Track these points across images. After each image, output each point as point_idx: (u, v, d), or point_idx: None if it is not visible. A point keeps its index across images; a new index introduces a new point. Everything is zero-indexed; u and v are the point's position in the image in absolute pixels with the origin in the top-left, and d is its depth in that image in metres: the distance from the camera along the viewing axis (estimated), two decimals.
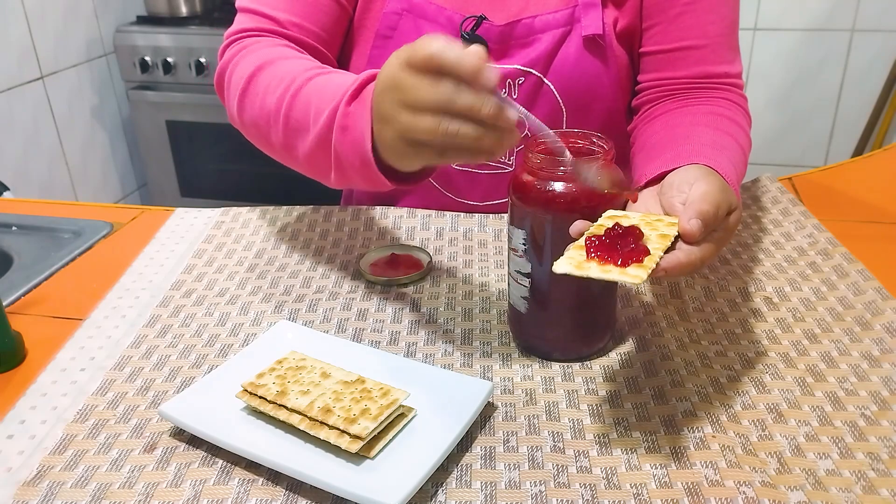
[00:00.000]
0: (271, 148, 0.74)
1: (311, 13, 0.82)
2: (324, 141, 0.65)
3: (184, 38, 2.13)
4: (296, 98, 0.68)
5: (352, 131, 0.61)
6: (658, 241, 0.53)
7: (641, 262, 0.51)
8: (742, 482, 0.52)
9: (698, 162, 0.63)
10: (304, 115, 0.67)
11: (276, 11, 0.81)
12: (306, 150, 0.68)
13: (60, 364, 0.68)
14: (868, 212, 0.92)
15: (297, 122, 0.68)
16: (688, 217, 0.54)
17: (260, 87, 0.73)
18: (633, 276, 0.49)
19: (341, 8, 0.84)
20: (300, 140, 0.68)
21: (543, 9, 0.83)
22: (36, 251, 0.89)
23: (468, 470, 0.55)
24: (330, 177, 0.67)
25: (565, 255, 0.53)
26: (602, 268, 0.51)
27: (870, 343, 0.67)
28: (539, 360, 0.66)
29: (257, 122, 0.73)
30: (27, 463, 0.56)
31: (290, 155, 0.71)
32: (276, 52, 0.77)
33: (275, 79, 0.72)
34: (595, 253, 0.52)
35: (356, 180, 0.64)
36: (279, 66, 0.73)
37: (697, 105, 0.79)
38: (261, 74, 0.74)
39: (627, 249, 0.51)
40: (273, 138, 0.72)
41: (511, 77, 0.84)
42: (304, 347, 0.65)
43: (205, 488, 0.53)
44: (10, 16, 1.90)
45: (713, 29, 0.81)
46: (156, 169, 2.35)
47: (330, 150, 0.64)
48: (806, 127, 2.30)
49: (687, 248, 0.54)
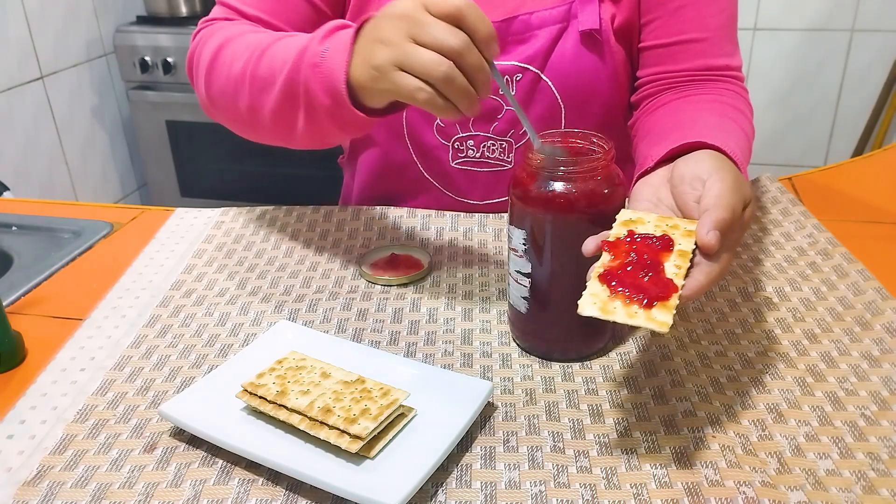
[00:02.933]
0: (238, 115, 0.75)
1: (279, 11, 0.83)
2: (291, 85, 0.66)
3: (184, 38, 2.13)
4: (262, 57, 0.70)
5: (325, 64, 0.63)
6: (678, 260, 0.53)
7: (667, 301, 0.50)
8: (742, 482, 0.52)
9: (705, 141, 0.63)
10: (269, 70, 0.68)
11: (246, 6, 0.83)
12: (272, 105, 0.68)
13: (60, 364, 0.68)
14: (868, 212, 0.92)
15: (263, 79, 0.69)
16: (706, 229, 0.53)
17: (227, 57, 0.74)
18: (661, 324, 0.49)
19: (314, 9, 0.84)
20: (266, 95, 0.69)
21: (540, 5, 0.83)
22: (36, 251, 0.89)
23: (468, 470, 0.55)
24: (297, 128, 0.68)
25: (588, 292, 0.52)
26: (627, 310, 0.50)
27: (870, 343, 0.67)
28: (539, 360, 0.66)
29: (224, 91, 0.75)
30: (27, 463, 0.56)
31: (257, 117, 0.72)
32: (244, 27, 0.79)
33: (241, 46, 0.73)
34: (618, 289, 0.51)
35: (324, 121, 0.66)
36: (246, 37, 0.75)
37: (700, 95, 0.80)
38: (228, 46, 0.75)
39: (650, 281, 0.51)
40: (240, 103, 0.73)
41: (508, 73, 0.84)
42: (304, 347, 0.65)
43: (205, 488, 0.53)
44: (10, 16, 1.90)
45: (713, 21, 0.81)
46: (156, 169, 2.35)
47: (297, 96, 0.65)
48: (806, 127, 2.30)
49: (706, 266, 0.53)
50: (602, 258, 0.54)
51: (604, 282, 0.52)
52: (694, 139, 0.63)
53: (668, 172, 0.63)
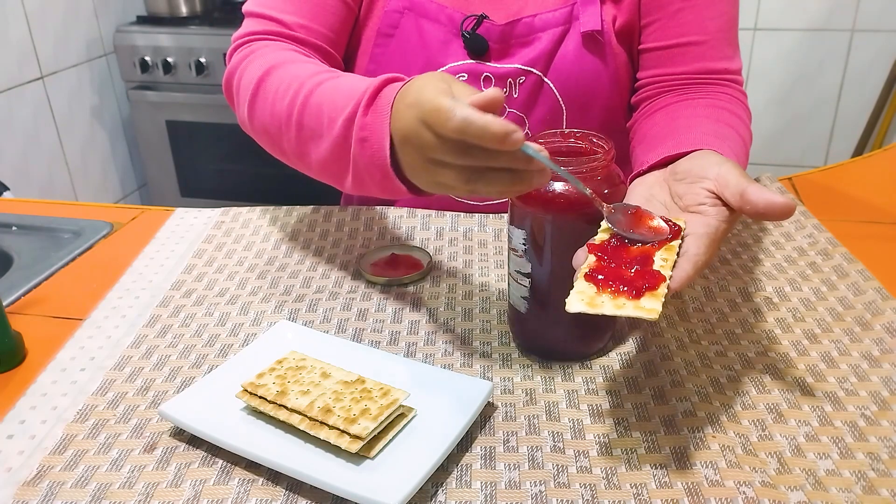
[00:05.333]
0: (283, 154, 0.73)
1: (318, 14, 0.82)
2: (340, 149, 0.64)
3: (184, 38, 2.13)
4: (307, 104, 0.67)
5: (371, 144, 0.60)
6: (665, 254, 0.53)
7: (655, 290, 0.50)
8: (742, 482, 0.52)
9: (700, 149, 0.63)
10: (317, 121, 0.66)
11: (283, 14, 0.81)
12: (320, 158, 0.67)
13: (60, 364, 0.68)
14: (868, 212, 0.92)
15: (310, 129, 0.67)
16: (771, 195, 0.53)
17: (269, 92, 0.72)
18: (649, 311, 0.48)
19: (347, 8, 0.84)
20: (313, 146, 0.67)
21: (542, 7, 0.83)
22: (36, 251, 0.89)
23: (468, 470, 0.55)
24: (346, 183, 0.66)
25: (575, 290, 0.51)
26: (615, 302, 0.50)
27: (870, 343, 0.67)
28: (539, 360, 0.66)
29: (268, 129, 0.73)
30: (27, 463, 0.56)
31: (303, 161, 0.70)
32: (282, 55, 0.76)
33: (283, 83, 0.71)
34: (606, 284, 0.50)
35: (373, 189, 0.64)
36: (287, 69, 0.73)
37: (697, 99, 0.80)
38: (269, 79, 0.73)
39: (636, 274, 0.50)
40: (285, 145, 0.71)
41: (512, 76, 0.84)
42: (304, 347, 0.65)
43: (205, 488, 0.53)
44: (10, 16, 1.90)
45: (713, 25, 0.81)
46: (156, 169, 2.35)
47: (346, 158, 0.63)
48: (806, 127, 2.30)
49: (692, 255, 0.53)
50: (588, 260, 0.54)
51: (590, 280, 0.52)
52: (689, 147, 0.64)
53: (664, 173, 0.63)
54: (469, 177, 0.52)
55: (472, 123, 0.48)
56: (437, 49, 0.84)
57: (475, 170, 0.52)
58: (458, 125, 0.49)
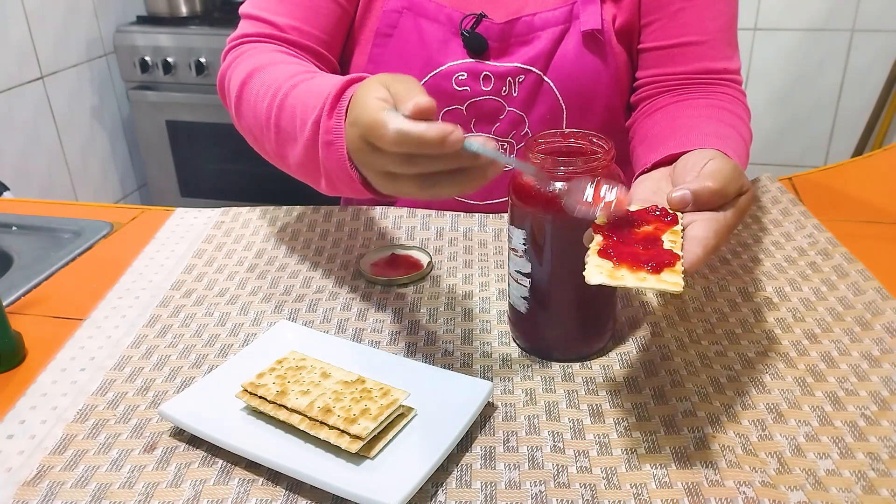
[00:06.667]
0: (267, 155, 0.75)
1: (311, 17, 0.83)
2: (312, 151, 0.65)
3: (184, 38, 2.13)
4: (283, 106, 0.69)
5: (336, 148, 0.61)
6: (671, 237, 0.53)
7: (673, 266, 0.49)
8: (742, 482, 0.52)
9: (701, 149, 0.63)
10: (291, 124, 0.67)
11: (277, 16, 0.82)
12: (297, 160, 0.68)
13: (60, 364, 0.68)
14: (868, 212, 0.92)
15: (286, 131, 0.68)
16: (680, 190, 0.55)
17: (251, 94, 0.74)
18: (674, 284, 0.48)
19: (342, 10, 0.85)
20: (290, 148, 0.68)
21: (542, 6, 0.83)
22: (36, 251, 0.89)
23: (468, 470, 0.55)
24: (321, 185, 0.67)
25: (591, 264, 0.51)
26: (636, 275, 0.49)
27: (870, 343, 0.67)
28: (539, 360, 0.66)
29: (252, 131, 0.75)
30: (27, 463, 0.56)
31: (284, 163, 0.72)
32: (268, 57, 0.77)
33: (264, 85, 0.72)
34: (622, 259, 0.50)
35: (345, 191, 0.65)
36: (269, 71, 0.74)
37: (697, 99, 0.80)
38: (251, 81, 0.74)
39: (651, 252, 0.50)
40: (267, 146, 0.73)
41: (511, 75, 0.84)
42: (304, 347, 0.65)
43: (205, 488, 0.53)
44: (10, 16, 1.90)
45: (712, 25, 0.81)
46: (156, 169, 2.35)
47: (318, 160, 0.64)
48: (806, 127, 2.30)
49: (701, 238, 0.53)
50: (595, 239, 0.54)
51: (604, 256, 0.51)
52: (690, 147, 0.64)
53: (668, 169, 0.63)
54: (423, 183, 0.52)
55: (408, 135, 0.48)
56: (436, 48, 0.84)
57: (427, 176, 0.51)
58: (394, 139, 0.49)
